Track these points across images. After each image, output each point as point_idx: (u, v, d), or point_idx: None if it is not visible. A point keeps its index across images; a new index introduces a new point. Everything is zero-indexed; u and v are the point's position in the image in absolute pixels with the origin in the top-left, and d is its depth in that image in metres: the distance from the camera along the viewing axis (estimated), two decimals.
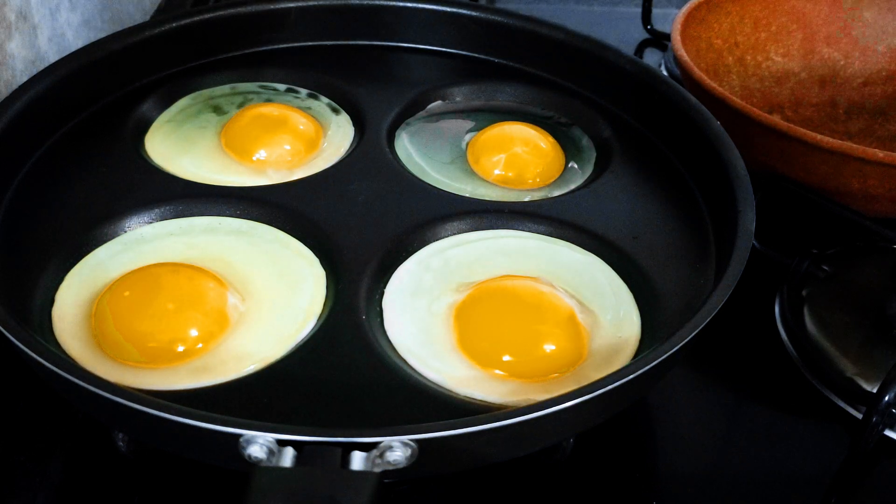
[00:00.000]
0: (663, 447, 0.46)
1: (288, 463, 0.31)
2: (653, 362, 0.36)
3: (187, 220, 0.46)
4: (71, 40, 0.63)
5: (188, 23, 0.57)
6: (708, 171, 0.49)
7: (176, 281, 0.41)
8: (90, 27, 0.66)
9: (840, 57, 0.72)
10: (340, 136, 0.54)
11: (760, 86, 0.70)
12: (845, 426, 0.47)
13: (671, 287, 0.44)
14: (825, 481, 0.45)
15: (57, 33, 0.61)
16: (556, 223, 0.48)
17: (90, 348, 0.39)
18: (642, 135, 0.55)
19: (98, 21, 0.68)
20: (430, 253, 0.46)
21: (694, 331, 0.38)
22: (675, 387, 0.48)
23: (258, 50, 0.59)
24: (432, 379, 0.40)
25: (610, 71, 0.56)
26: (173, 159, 0.50)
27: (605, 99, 0.57)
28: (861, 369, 0.48)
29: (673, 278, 0.45)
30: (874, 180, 0.53)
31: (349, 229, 0.46)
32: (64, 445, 0.43)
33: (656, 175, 0.52)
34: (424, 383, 0.39)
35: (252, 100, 0.56)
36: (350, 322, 0.41)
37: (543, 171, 0.52)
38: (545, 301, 0.42)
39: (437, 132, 0.55)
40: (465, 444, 0.34)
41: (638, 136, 0.55)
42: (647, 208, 0.49)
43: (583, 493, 0.43)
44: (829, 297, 0.52)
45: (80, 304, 0.41)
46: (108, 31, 0.60)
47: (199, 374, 0.39)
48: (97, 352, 0.39)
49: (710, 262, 0.46)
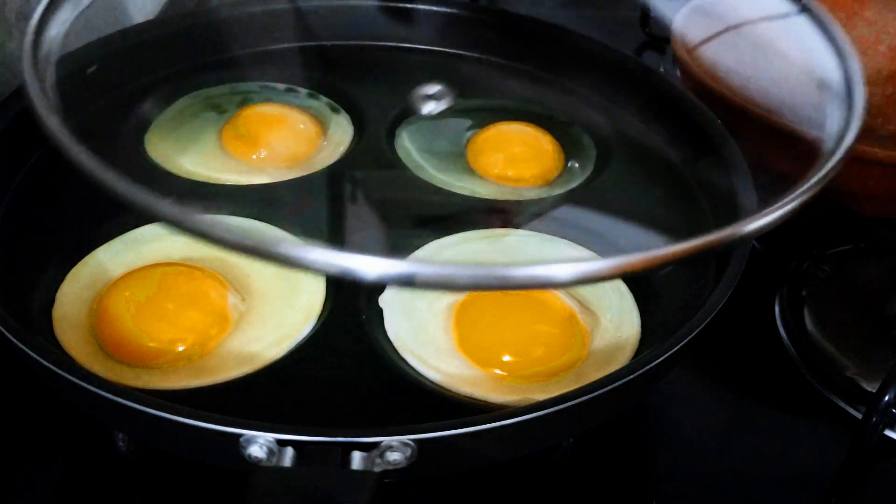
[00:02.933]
0: (663, 447, 0.46)
1: (288, 463, 0.31)
2: (653, 362, 0.36)
3: None
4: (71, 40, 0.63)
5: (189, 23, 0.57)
6: (708, 170, 0.49)
7: (176, 281, 0.41)
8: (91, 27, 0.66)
9: None
10: (340, 134, 0.54)
11: None
12: (845, 426, 0.47)
13: (671, 287, 0.44)
14: (825, 481, 0.45)
15: None
16: (556, 222, 0.48)
17: (90, 348, 0.39)
18: (643, 133, 0.55)
19: (98, 21, 0.68)
20: (430, 252, 0.46)
21: (694, 331, 0.38)
22: (675, 387, 0.48)
23: (258, 50, 0.60)
24: (432, 379, 0.40)
25: (610, 69, 0.56)
26: (173, 158, 0.50)
27: (605, 97, 0.57)
28: (861, 369, 0.48)
29: (673, 278, 0.45)
30: (874, 180, 0.53)
31: (349, 228, 0.46)
32: (64, 446, 0.43)
33: (657, 174, 0.52)
34: (424, 383, 0.39)
35: (252, 99, 0.56)
36: (350, 322, 0.41)
37: (543, 169, 0.52)
38: (545, 301, 0.42)
39: (436, 131, 0.55)
40: (465, 444, 0.34)
41: (638, 134, 0.55)
42: (648, 207, 0.49)
43: (583, 493, 0.43)
44: (829, 297, 0.52)
45: (81, 303, 0.41)
46: (108, 31, 0.60)
47: (199, 374, 0.39)
48: (97, 352, 0.39)
49: (710, 262, 0.46)
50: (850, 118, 0.38)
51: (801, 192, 0.34)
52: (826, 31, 0.42)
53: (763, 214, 0.32)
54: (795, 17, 0.43)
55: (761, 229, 0.32)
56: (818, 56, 0.42)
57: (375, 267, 0.28)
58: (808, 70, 0.42)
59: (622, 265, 0.30)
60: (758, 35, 0.56)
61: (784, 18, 0.44)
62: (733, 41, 0.59)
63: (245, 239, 0.27)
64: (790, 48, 0.48)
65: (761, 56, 0.57)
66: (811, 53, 0.42)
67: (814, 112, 0.41)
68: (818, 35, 0.42)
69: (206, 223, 0.29)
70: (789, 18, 0.44)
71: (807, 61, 0.43)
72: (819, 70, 0.41)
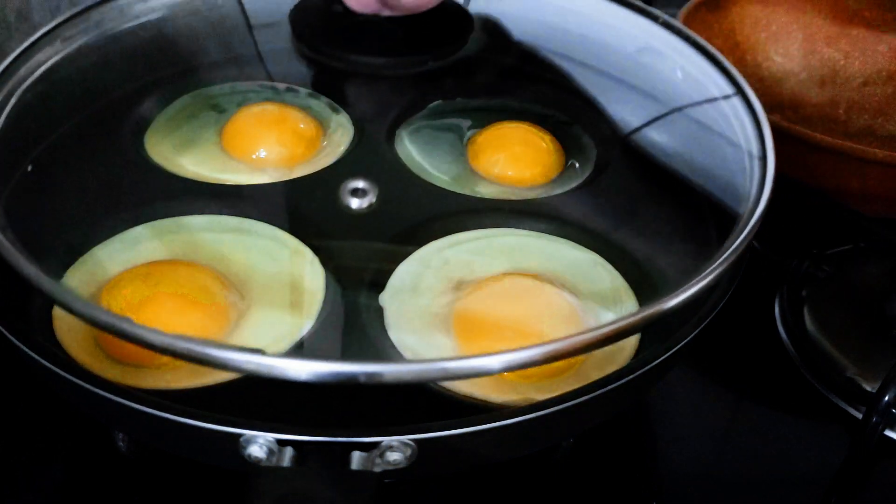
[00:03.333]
0: (663, 447, 0.46)
1: (288, 463, 0.31)
2: (653, 362, 0.36)
3: (187, 218, 0.46)
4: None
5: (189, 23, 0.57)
6: (709, 169, 0.49)
7: (175, 279, 0.41)
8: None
9: (840, 57, 0.72)
10: (340, 134, 0.54)
11: (760, 86, 0.70)
12: (845, 426, 0.47)
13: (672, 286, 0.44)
14: (825, 481, 0.45)
15: None
16: (556, 221, 0.48)
17: (90, 347, 0.39)
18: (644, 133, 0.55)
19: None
20: (431, 251, 0.46)
21: (694, 331, 0.38)
22: (675, 387, 0.48)
23: (258, 50, 0.59)
24: None
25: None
26: (173, 158, 0.50)
27: (606, 97, 0.57)
28: (861, 369, 0.48)
29: (674, 277, 0.45)
30: (874, 180, 0.53)
31: (349, 227, 0.46)
32: (64, 446, 0.43)
33: (657, 173, 0.52)
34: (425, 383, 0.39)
35: (252, 99, 0.56)
36: (350, 321, 0.41)
37: (544, 169, 0.52)
38: (546, 299, 0.42)
39: (437, 131, 0.55)
40: (464, 444, 0.34)
41: (639, 134, 0.55)
42: (649, 206, 0.49)
43: (583, 493, 0.43)
44: (829, 297, 0.52)
45: None
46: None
47: (199, 374, 0.39)
48: (97, 351, 0.39)
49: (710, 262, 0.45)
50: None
51: (720, 262, 0.38)
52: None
53: (684, 289, 0.36)
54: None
55: (683, 302, 0.35)
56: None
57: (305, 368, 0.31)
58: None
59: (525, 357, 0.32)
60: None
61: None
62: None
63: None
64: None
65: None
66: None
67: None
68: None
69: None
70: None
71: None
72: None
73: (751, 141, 0.46)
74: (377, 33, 0.52)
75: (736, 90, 0.48)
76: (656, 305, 0.34)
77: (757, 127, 0.46)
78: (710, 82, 0.50)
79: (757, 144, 0.46)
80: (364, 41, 0.51)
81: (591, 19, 0.58)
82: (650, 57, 0.55)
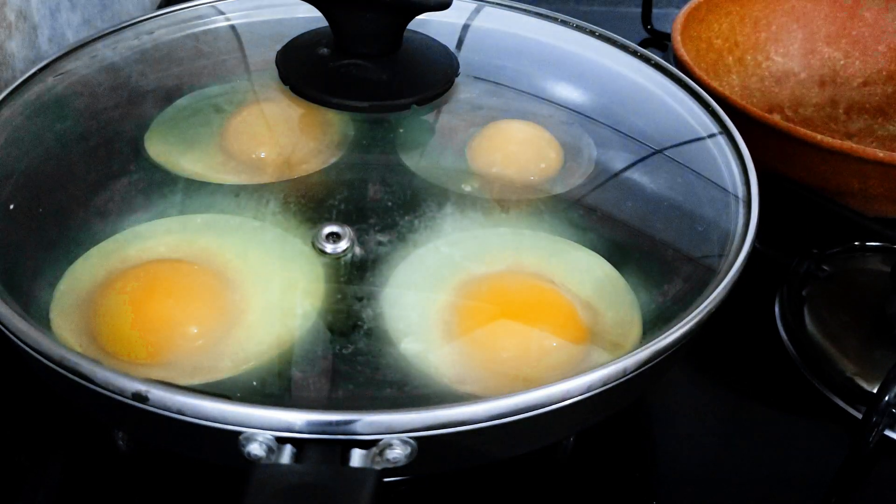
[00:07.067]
0: (663, 447, 0.46)
1: (287, 460, 0.31)
2: (653, 362, 0.36)
3: (186, 217, 0.46)
4: (71, 40, 0.63)
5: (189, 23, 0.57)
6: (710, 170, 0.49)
7: (175, 278, 0.41)
8: (91, 27, 0.66)
9: (840, 57, 0.72)
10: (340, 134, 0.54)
11: (760, 86, 0.70)
12: (845, 426, 0.47)
13: (672, 286, 0.44)
14: (825, 481, 0.45)
15: (57, 33, 0.61)
16: (557, 220, 0.48)
17: (89, 346, 0.39)
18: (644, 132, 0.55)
19: (98, 21, 0.68)
20: (431, 250, 0.46)
21: (694, 330, 0.38)
22: (675, 387, 0.48)
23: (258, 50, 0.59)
24: (433, 375, 0.39)
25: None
26: (173, 157, 0.50)
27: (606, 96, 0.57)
28: (861, 369, 0.48)
29: (674, 277, 0.45)
30: (874, 180, 0.53)
31: (349, 227, 0.46)
32: (64, 445, 0.43)
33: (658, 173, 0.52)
34: (425, 381, 0.39)
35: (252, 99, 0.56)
36: (350, 320, 0.41)
37: (544, 168, 0.52)
38: (546, 299, 0.42)
39: (437, 130, 0.55)
40: (464, 442, 0.34)
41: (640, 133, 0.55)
42: (649, 206, 0.49)
43: (583, 493, 0.43)
44: (829, 297, 0.52)
45: (79, 301, 0.41)
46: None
47: (198, 372, 0.38)
48: (96, 349, 0.39)
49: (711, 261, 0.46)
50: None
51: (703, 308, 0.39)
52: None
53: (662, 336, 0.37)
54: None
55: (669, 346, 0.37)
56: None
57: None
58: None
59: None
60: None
61: None
62: None
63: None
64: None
65: None
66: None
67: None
68: None
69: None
70: None
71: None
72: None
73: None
74: (362, 77, 0.52)
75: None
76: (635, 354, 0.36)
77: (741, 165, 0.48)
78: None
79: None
80: (349, 84, 0.52)
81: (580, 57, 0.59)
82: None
